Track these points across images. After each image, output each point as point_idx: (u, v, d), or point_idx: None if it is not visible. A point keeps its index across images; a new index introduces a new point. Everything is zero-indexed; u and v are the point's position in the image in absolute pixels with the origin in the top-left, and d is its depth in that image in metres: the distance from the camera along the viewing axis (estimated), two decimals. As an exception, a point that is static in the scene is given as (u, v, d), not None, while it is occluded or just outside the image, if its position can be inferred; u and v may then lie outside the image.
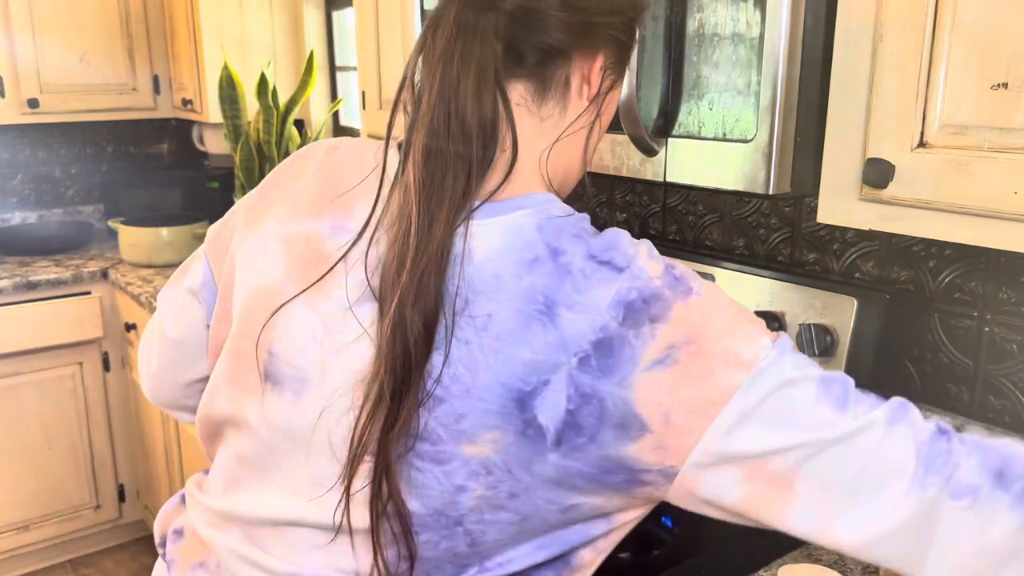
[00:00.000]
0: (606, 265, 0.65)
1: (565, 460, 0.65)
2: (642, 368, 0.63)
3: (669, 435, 0.63)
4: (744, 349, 0.64)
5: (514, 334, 0.64)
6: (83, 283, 2.58)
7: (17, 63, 2.58)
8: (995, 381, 1.14)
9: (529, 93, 0.71)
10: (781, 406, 0.63)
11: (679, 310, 0.64)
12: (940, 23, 0.82)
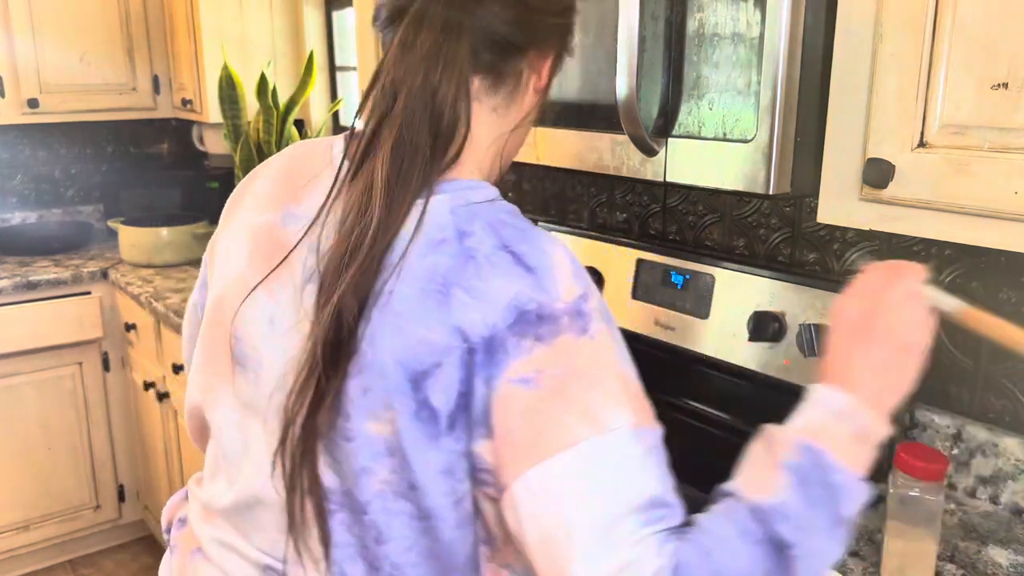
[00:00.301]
0: (515, 258, 0.65)
1: (457, 445, 0.65)
2: (507, 378, 0.63)
3: (507, 453, 0.64)
4: (603, 411, 0.62)
5: (411, 312, 0.65)
6: (83, 283, 2.58)
7: (17, 63, 2.57)
8: (995, 381, 1.14)
9: (484, 86, 0.72)
10: (601, 484, 0.61)
11: (565, 342, 0.63)
12: (940, 23, 0.82)
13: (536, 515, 0.63)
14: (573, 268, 0.67)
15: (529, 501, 0.63)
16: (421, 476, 0.66)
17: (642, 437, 0.63)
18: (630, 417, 0.63)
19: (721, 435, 1.36)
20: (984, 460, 1.13)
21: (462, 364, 0.64)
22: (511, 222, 0.69)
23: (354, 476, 0.68)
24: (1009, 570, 0.99)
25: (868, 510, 1.11)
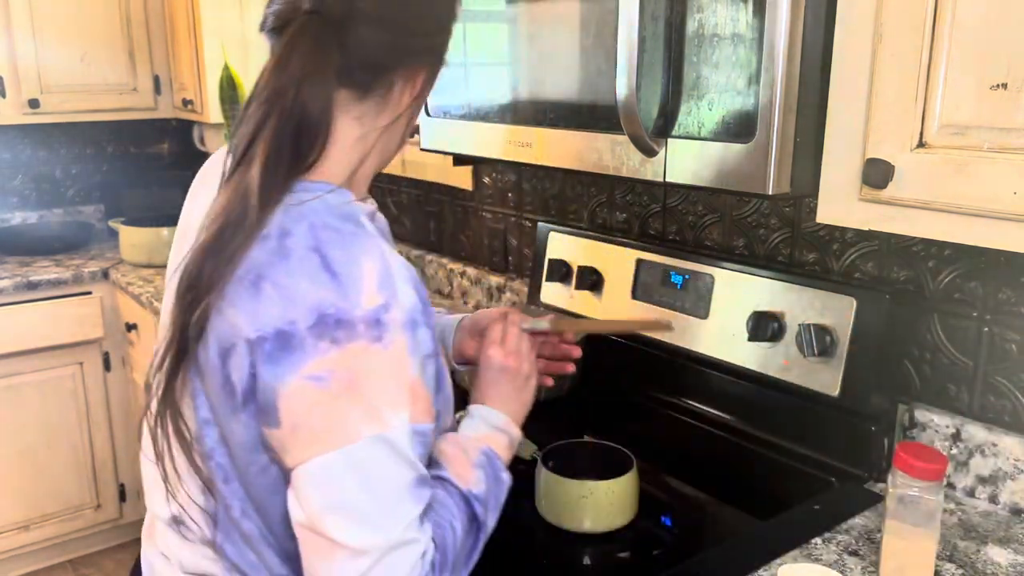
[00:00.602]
0: (323, 262, 0.72)
1: (252, 421, 0.74)
2: (300, 374, 0.70)
3: (294, 442, 0.72)
4: (387, 411, 0.71)
5: (230, 296, 0.73)
6: (83, 283, 2.59)
7: (18, 63, 2.58)
8: (994, 381, 1.14)
9: (351, 97, 0.79)
10: (377, 475, 0.71)
11: (359, 347, 0.70)
12: (940, 23, 0.82)
13: (315, 497, 0.71)
14: (381, 279, 0.72)
15: (310, 487, 0.71)
16: (230, 443, 0.77)
17: (417, 432, 0.74)
18: (407, 415, 0.72)
19: (720, 435, 1.36)
20: (983, 460, 1.13)
21: (251, 351, 0.71)
22: (335, 226, 0.75)
23: (200, 426, 0.78)
24: (1008, 570, 0.99)
25: (868, 510, 1.11)
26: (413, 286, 0.75)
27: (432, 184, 2.25)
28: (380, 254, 0.74)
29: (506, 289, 1.98)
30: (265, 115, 0.74)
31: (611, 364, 1.54)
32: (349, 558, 0.71)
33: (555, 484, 1.08)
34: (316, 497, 0.71)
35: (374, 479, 0.71)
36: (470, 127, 1.33)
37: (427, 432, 0.76)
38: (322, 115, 0.76)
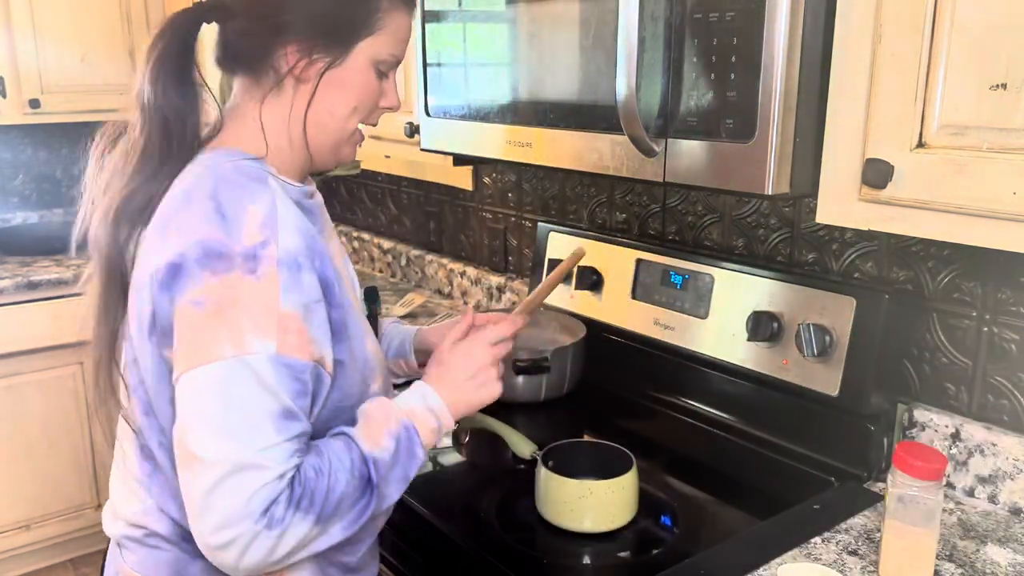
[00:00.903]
0: (216, 206, 0.81)
1: (155, 349, 0.84)
2: (184, 299, 0.80)
3: (175, 358, 0.81)
4: (251, 337, 0.78)
5: (148, 240, 0.85)
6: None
7: (18, 63, 2.58)
8: (994, 381, 1.14)
9: (247, 82, 0.91)
10: (236, 396, 0.78)
11: (234, 277, 0.79)
12: (939, 24, 0.82)
13: (183, 410, 0.80)
14: (264, 219, 0.81)
15: (180, 397, 0.80)
16: (143, 368, 0.86)
17: (284, 364, 0.80)
18: (273, 346, 0.79)
19: (720, 435, 1.36)
20: (983, 459, 1.13)
21: (154, 283, 0.82)
22: (233, 179, 0.84)
23: (127, 367, 0.89)
24: (1008, 569, 0.99)
25: (867, 509, 1.11)
26: (303, 237, 0.83)
27: (432, 184, 2.25)
28: (271, 202, 0.83)
29: (506, 289, 1.98)
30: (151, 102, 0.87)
31: (611, 364, 1.54)
32: (200, 470, 0.78)
33: (555, 484, 1.08)
34: (183, 409, 0.80)
35: (233, 398, 0.78)
36: (470, 127, 1.33)
37: (301, 368, 0.81)
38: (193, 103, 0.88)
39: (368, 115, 0.95)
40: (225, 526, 0.77)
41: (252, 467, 0.77)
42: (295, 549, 0.81)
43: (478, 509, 1.15)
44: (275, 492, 0.78)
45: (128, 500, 0.95)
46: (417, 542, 1.15)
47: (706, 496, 1.22)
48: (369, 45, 0.89)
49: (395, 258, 2.43)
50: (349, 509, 0.84)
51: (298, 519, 0.79)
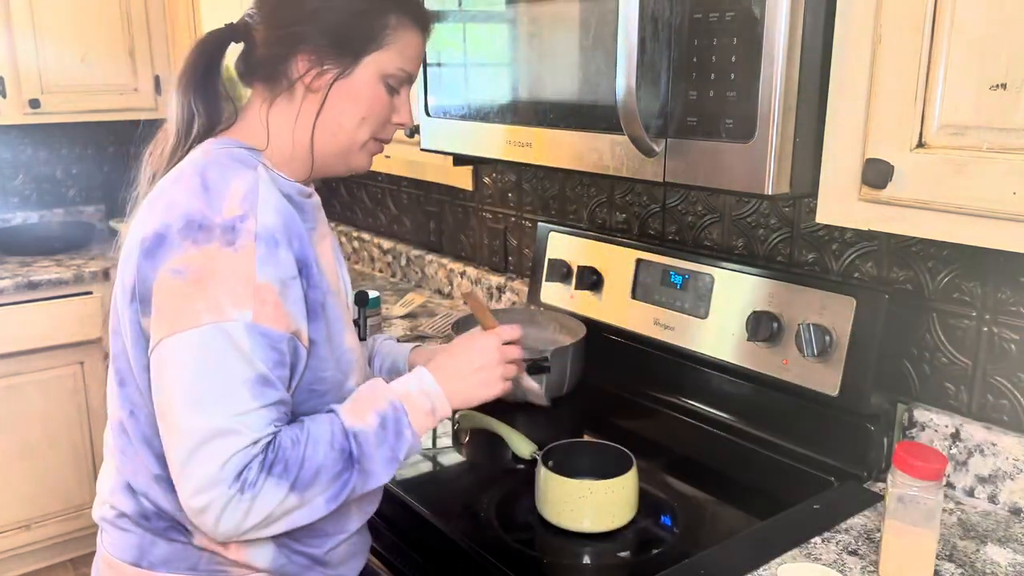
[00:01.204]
0: (202, 181, 0.87)
1: (134, 315, 0.87)
2: (165, 267, 0.83)
3: (153, 325, 0.84)
4: (228, 305, 0.82)
5: (138, 216, 0.91)
6: (84, 283, 2.59)
7: (19, 63, 2.58)
8: (994, 381, 1.14)
9: (262, 88, 0.96)
10: (212, 361, 0.81)
11: (213, 248, 0.83)
12: (939, 24, 0.82)
13: (161, 377, 0.83)
14: (245, 195, 0.86)
15: (159, 365, 0.83)
16: (126, 342, 0.89)
17: (260, 332, 0.83)
18: (249, 314, 0.82)
19: (720, 435, 1.36)
20: (982, 459, 1.13)
21: (139, 251, 0.85)
22: (223, 161, 0.90)
23: (111, 337, 0.94)
24: (1008, 569, 0.99)
25: (867, 509, 1.11)
26: (281, 216, 0.87)
27: (432, 184, 2.25)
28: (253, 180, 0.88)
29: (506, 289, 1.98)
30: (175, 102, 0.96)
31: (611, 364, 1.54)
32: (179, 435, 0.81)
33: (555, 484, 1.08)
34: (162, 376, 0.83)
35: (209, 364, 0.81)
36: (470, 127, 1.33)
37: (277, 338, 0.84)
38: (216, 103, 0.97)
39: (380, 129, 0.98)
40: (201, 490, 0.81)
41: (227, 432, 0.81)
42: (272, 516, 0.84)
43: (478, 509, 1.15)
44: (248, 457, 0.81)
45: (104, 479, 1.00)
46: (416, 542, 1.15)
47: (706, 496, 1.22)
48: (377, 59, 0.94)
49: (395, 258, 2.43)
50: (330, 482, 0.86)
51: (271, 484, 0.82)
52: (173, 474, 0.83)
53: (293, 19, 0.92)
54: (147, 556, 0.95)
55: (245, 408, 0.82)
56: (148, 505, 0.94)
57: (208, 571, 0.94)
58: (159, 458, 0.91)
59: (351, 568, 1.05)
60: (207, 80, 0.96)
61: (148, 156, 0.99)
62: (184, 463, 0.81)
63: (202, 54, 0.96)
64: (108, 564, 0.99)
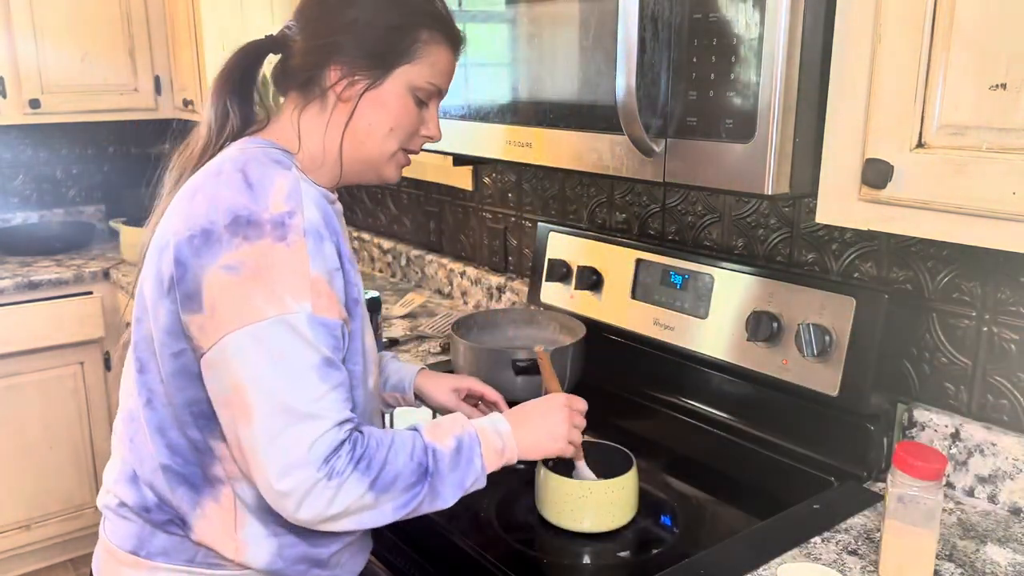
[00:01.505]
0: (244, 178, 0.88)
1: (172, 307, 0.88)
2: (217, 264, 0.85)
3: (211, 322, 0.85)
4: (288, 298, 0.84)
5: (173, 208, 0.92)
6: (84, 283, 2.59)
7: (19, 64, 2.58)
8: (993, 381, 1.14)
9: (296, 95, 0.99)
10: (281, 351, 0.83)
11: (265, 244, 0.85)
12: (939, 24, 0.82)
13: (228, 370, 0.84)
14: (289, 192, 0.88)
15: (223, 359, 0.85)
16: (154, 329, 0.91)
17: (320, 322, 0.86)
18: (308, 306, 0.85)
19: (720, 435, 1.36)
20: (982, 459, 1.13)
21: (183, 245, 0.87)
22: (261, 159, 0.91)
23: (133, 325, 0.96)
24: (1007, 569, 0.99)
25: (867, 509, 1.11)
26: (322, 212, 0.90)
27: (432, 184, 2.25)
28: (293, 179, 0.90)
29: (506, 289, 1.98)
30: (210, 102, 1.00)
31: (611, 364, 1.54)
32: (259, 422, 0.83)
33: (555, 484, 1.08)
34: (229, 369, 0.84)
35: (280, 354, 0.84)
36: (470, 127, 1.33)
37: (334, 326, 0.88)
38: (250, 106, 1.01)
39: (408, 140, 1.01)
40: (287, 473, 0.82)
41: (308, 417, 0.83)
42: (348, 510, 0.85)
43: (478, 509, 1.15)
44: (335, 441, 0.84)
45: (110, 468, 1.02)
46: (416, 542, 1.15)
47: (706, 496, 1.23)
48: (407, 71, 0.96)
49: (395, 258, 2.43)
50: (403, 491, 0.88)
51: (355, 478, 0.85)
52: (252, 460, 0.84)
53: (329, 31, 0.95)
54: (146, 546, 0.96)
55: (319, 392, 0.84)
56: (150, 496, 0.95)
57: (205, 564, 0.95)
58: (169, 448, 0.93)
59: (350, 570, 1.05)
60: (243, 84, 1.00)
61: (177, 156, 1.01)
62: (266, 449, 0.83)
63: (241, 60, 0.99)
64: (108, 551, 1.00)
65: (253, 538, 0.94)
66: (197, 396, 0.91)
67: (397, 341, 1.85)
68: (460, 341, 1.48)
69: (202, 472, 0.94)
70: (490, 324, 1.62)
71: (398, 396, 1.25)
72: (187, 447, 0.93)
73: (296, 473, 0.82)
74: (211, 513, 0.94)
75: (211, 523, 0.94)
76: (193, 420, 0.92)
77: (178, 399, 0.92)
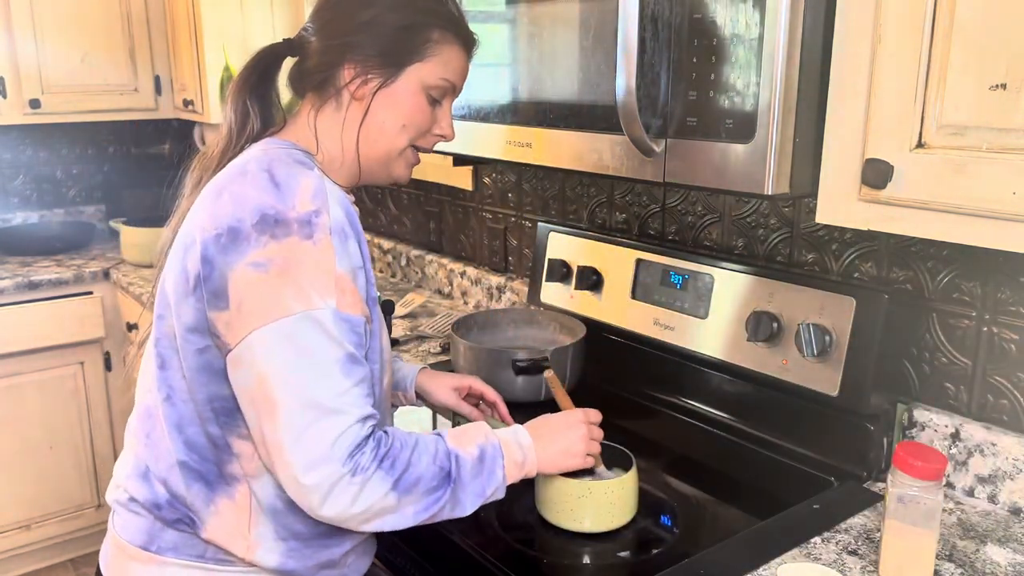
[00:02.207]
0: (270, 177, 0.89)
1: (198, 304, 0.89)
2: (244, 262, 0.86)
3: (238, 319, 0.86)
4: (314, 295, 0.85)
5: (199, 205, 0.93)
6: (84, 283, 2.59)
7: (19, 64, 2.58)
8: (993, 381, 1.14)
9: (313, 96, 1.01)
10: (307, 346, 0.84)
11: (292, 242, 0.86)
12: (939, 24, 0.82)
13: (255, 365, 0.85)
14: (315, 191, 0.89)
15: (250, 354, 0.85)
16: (177, 325, 0.92)
17: (344, 319, 0.87)
18: (333, 303, 0.86)
19: (720, 435, 1.36)
20: (982, 459, 1.13)
21: (210, 243, 0.87)
22: (285, 159, 0.93)
23: (153, 323, 0.97)
24: (1007, 569, 0.99)
25: (867, 509, 1.11)
26: (344, 210, 0.91)
27: (432, 184, 2.25)
28: (318, 178, 0.91)
29: (506, 289, 1.98)
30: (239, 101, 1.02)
31: (611, 364, 1.54)
32: (285, 417, 0.83)
33: (554, 484, 1.08)
34: (255, 364, 0.85)
35: (306, 349, 0.84)
36: (470, 127, 1.33)
37: (357, 323, 0.89)
38: (269, 109, 1.02)
39: (421, 138, 1.03)
40: (313, 467, 0.83)
41: (332, 412, 0.84)
42: (371, 510, 0.86)
43: (477, 509, 1.15)
44: (359, 437, 0.85)
45: (122, 464, 1.03)
46: (417, 542, 1.15)
47: (706, 496, 1.23)
48: (419, 69, 0.98)
49: (395, 258, 2.43)
50: (424, 495, 0.89)
51: (379, 476, 0.85)
52: (279, 456, 0.84)
53: (344, 31, 0.97)
54: (156, 541, 0.97)
55: (342, 388, 0.85)
56: (163, 493, 0.96)
57: (215, 560, 0.96)
58: (187, 444, 0.94)
59: (357, 569, 1.06)
60: (262, 85, 1.02)
61: (198, 159, 1.03)
62: (293, 444, 0.83)
63: (259, 62, 1.01)
64: (118, 546, 1.01)
65: (265, 538, 0.94)
66: (220, 392, 0.92)
67: (397, 341, 1.85)
68: (460, 341, 1.48)
69: (218, 469, 0.94)
70: (490, 324, 1.62)
71: (399, 395, 1.25)
72: (206, 444, 0.94)
73: (322, 468, 0.83)
74: (225, 511, 0.94)
75: (224, 521, 0.94)
76: (215, 416, 0.93)
77: (201, 395, 0.92)
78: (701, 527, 1.14)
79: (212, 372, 0.91)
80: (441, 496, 0.90)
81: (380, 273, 2.52)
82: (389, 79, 0.97)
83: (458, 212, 2.18)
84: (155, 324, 0.97)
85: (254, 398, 0.86)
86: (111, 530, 1.03)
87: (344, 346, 0.86)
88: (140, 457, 0.99)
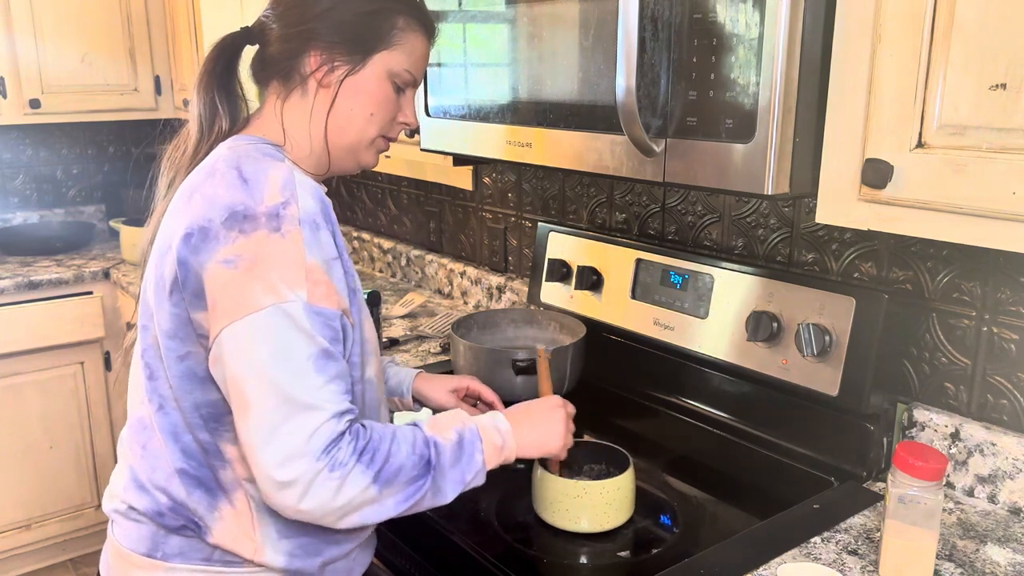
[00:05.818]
0: (239, 174, 0.89)
1: (174, 309, 0.89)
2: (215, 260, 0.85)
3: (212, 317, 0.86)
4: (283, 287, 0.84)
5: (172, 210, 0.93)
6: (84, 283, 2.59)
7: (19, 64, 2.58)
8: (993, 381, 1.14)
9: (277, 85, 0.99)
10: (279, 342, 0.83)
11: (260, 235, 0.85)
12: (939, 24, 0.82)
13: (230, 362, 0.84)
14: (284, 183, 0.88)
15: (225, 351, 0.85)
16: (158, 333, 0.92)
17: (316, 312, 0.86)
18: (304, 295, 0.85)
19: (720, 435, 1.36)
20: (982, 459, 1.13)
21: (183, 244, 0.87)
22: (254, 154, 0.92)
23: (139, 334, 0.97)
24: (1007, 569, 0.99)
25: (867, 509, 1.11)
26: (318, 201, 0.90)
27: (432, 184, 2.25)
28: (288, 169, 0.90)
29: (506, 289, 1.98)
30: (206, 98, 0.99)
31: (611, 364, 1.54)
32: (258, 414, 0.83)
33: (550, 484, 1.08)
34: (232, 361, 0.84)
35: (278, 343, 0.83)
36: (470, 127, 1.33)
37: (332, 316, 0.87)
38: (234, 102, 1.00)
39: (388, 127, 1.01)
40: (287, 462, 0.82)
41: (307, 407, 0.83)
42: (352, 504, 0.85)
43: (477, 509, 1.15)
44: (334, 432, 0.83)
45: (118, 476, 1.02)
46: (416, 541, 1.15)
47: (705, 496, 1.23)
48: (385, 57, 0.97)
49: (395, 258, 2.43)
50: (405, 484, 0.88)
51: (359, 470, 0.84)
52: (252, 454, 0.83)
53: (305, 17, 0.95)
54: (161, 548, 0.96)
55: (316, 384, 0.84)
56: (164, 500, 0.95)
57: (222, 562, 0.95)
58: (184, 451, 0.93)
59: (361, 563, 1.06)
60: (226, 79, 1.00)
61: (167, 159, 1.01)
62: (267, 440, 0.82)
63: (220, 54, 0.99)
64: (119, 555, 0.99)
65: (271, 539, 0.94)
66: (205, 399, 0.91)
67: (397, 341, 1.85)
68: (460, 341, 1.48)
69: (213, 476, 0.93)
70: (490, 324, 1.62)
71: (396, 400, 1.25)
72: (199, 450, 0.93)
73: (296, 463, 0.82)
74: (228, 516, 0.94)
75: (229, 526, 0.94)
76: (203, 423, 0.92)
77: (186, 403, 0.92)
78: (701, 527, 1.14)
79: (195, 379, 0.91)
80: (422, 485, 0.89)
81: (380, 273, 2.52)
82: (356, 67, 0.96)
83: (458, 212, 2.18)
84: (140, 335, 0.96)
85: (230, 396, 0.86)
86: (111, 539, 1.02)
87: (317, 341, 0.85)
88: (135, 469, 0.98)
